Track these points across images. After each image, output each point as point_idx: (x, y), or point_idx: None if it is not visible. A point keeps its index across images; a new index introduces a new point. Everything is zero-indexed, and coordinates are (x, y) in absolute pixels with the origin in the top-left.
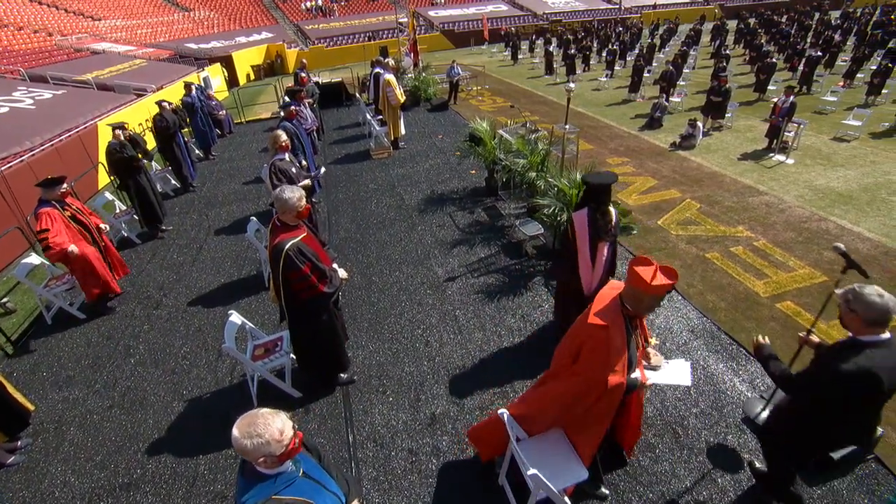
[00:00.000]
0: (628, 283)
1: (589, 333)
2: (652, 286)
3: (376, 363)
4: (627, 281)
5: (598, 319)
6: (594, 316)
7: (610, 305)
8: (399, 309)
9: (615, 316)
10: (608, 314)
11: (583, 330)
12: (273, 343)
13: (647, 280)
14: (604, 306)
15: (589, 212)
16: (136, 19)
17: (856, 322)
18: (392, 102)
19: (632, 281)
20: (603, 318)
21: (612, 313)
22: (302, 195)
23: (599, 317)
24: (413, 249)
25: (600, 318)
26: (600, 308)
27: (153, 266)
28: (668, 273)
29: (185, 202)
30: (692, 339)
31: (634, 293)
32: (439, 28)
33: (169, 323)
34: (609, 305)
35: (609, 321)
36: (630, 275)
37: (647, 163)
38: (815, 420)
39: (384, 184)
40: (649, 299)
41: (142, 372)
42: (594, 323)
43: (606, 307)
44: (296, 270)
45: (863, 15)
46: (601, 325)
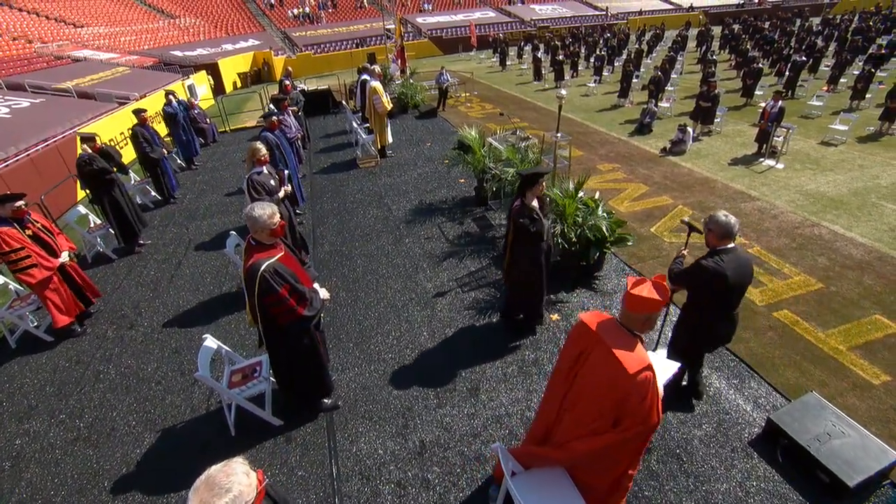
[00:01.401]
0: (624, 308)
1: (634, 383)
2: (629, 295)
3: (362, 386)
4: (623, 306)
5: (638, 362)
6: (630, 364)
7: (624, 339)
8: (386, 327)
9: (635, 344)
10: (633, 349)
11: (622, 383)
12: (251, 368)
13: (642, 296)
14: (621, 344)
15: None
16: (119, 26)
17: (711, 237)
18: (378, 110)
19: (628, 305)
20: (640, 359)
21: (633, 346)
22: (274, 212)
23: (634, 360)
24: (401, 263)
25: (637, 361)
26: (621, 349)
27: (129, 283)
28: (660, 289)
29: (166, 214)
30: None
31: (629, 316)
32: (427, 35)
33: (143, 345)
34: (625, 340)
35: (643, 355)
36: (627, 299)
37: (638, 169)
38: (689, 315)
39: (371, 194)
40: (645, 317)
41: (111, 399)
42: (640, 368)
43: (624, 343)
44: (272, 294)
45: (842, 21)
46: (646, 364)
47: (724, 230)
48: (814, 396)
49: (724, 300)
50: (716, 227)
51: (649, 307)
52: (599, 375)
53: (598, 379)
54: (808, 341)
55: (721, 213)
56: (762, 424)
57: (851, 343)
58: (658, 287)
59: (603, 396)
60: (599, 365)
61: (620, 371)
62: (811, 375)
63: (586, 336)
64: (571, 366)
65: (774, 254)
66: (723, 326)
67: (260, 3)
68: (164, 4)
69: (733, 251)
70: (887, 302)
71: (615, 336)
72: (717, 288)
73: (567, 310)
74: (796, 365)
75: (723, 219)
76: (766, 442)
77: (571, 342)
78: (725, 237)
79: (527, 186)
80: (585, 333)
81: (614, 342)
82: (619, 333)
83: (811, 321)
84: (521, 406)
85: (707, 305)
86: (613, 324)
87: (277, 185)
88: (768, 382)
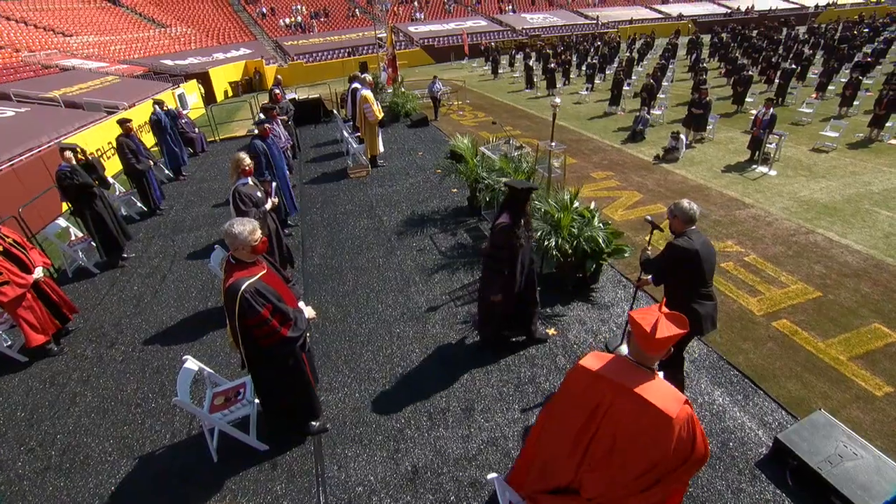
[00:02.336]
0: (642, 351)
1: (680, 427)
2: (655, 341)
3: (352, 407)
4: (642, 350)
5: (675, 401)
6: (670, 407)
7: (647, 379)
8: (377, 343)
9: (658, 380)
10: (662, 388)
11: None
12: (235, 390)
13: (648, 333)
14: (648, 387)
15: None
16: (109, 35)
17: (677, 223)
18: (369, 119)
19: (650, 348)
20: (675, 397)
21: (660, 384)
22: (255, 227)
23: (671, 401)
24: (392, 276)
25: (674, 400)
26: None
27: (110, 299)
28: (677, 321)
29: (151, 227)
30: (693, 370)
31: (648, 357)
32: (419, 43)
33: (123, 364)
34: (648, 381)
35: (673, 390)
36: (648, 343)
37: (632, 176)
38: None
39: (362, 204)
40: (666, 352)
41: (87, 424)
42: (680, 408)
43: (649, 384)
44: (254, 315)
45: (827, 30)
46: (683, 399)
47: (687, 216)
48: (822, 415)
49: (698, 276)
50: (681, 214)
51: (674, 341)
52: (638, 428)
53: (635, 432)
54: (808, 352)
55: (685, 202)
56: (769, 444)
57: (852, 353)
58: (674, 319)
59: (648, 449)
60: (632, 417)
61: (662, 419)
62: (813, 387)
63: (599, 386)
64: (586, 422)
65: (771, 262)
66: (706, 305)
67: (252, 13)
68: (155, 14)
69: (696, 231)
70: (886, 310)
71: (636, 379)
72: (692, 264)
73: (564, 323)
74: (798, 377)
75: (686, 206)
76: (775, 463)
77: (580, 394)
78: (689, 222)
79: (521, 202)
80: (596, 383)
81: (641, 387)
82: (638, 373)
83: (810, 331)
84: (518, 427)
85: (684, 285)
86: (625, 364)
87: (264, 197)
88: (774, 399)
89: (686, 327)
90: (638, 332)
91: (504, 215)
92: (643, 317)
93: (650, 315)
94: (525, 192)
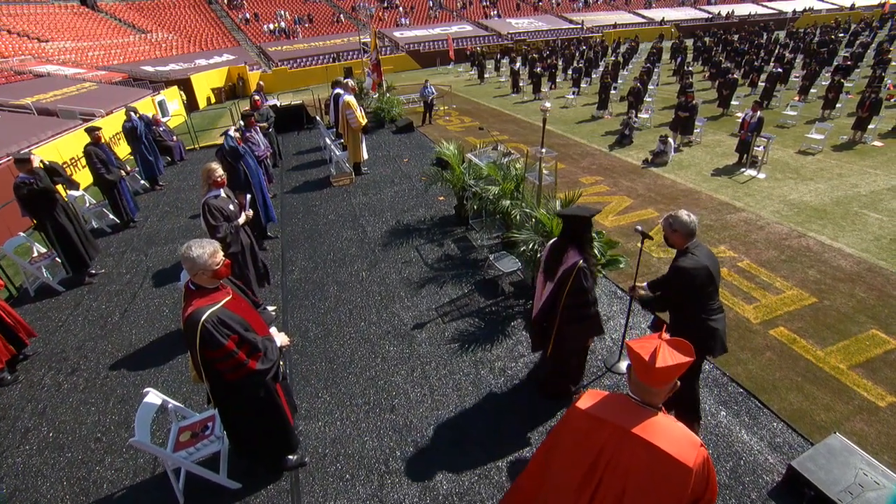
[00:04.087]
0: (645, 385)
1: (696, 473)
2: (656, 371)
3: (332, 438)
4: (645, 383)
5: (690, 445)
6: (685, 454)
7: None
8: (360, 365)
9: (665, 418)
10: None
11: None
12: (202, 424)
13: (647, 362)
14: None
15: (557, 242)
16: (87, 41)
17: (678, 237)
18: (352, 125)
19: (653, 380)
20: (689, 441)
21: (669, 425)
22: (216, 250)
23: (685, 446)
24: (376, 290)
25: (688, 444)
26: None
27: (74, 319)
28: (681, 348)
29: (123, 240)
30: None
31: (652, 392)
32: (405, 49)
33: (85, 393)
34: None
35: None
36: (651, 375)
37: (621, 181)
38: (685, 324)
39: (345, 214)
40: (672, 386)
41: (39, 463)
42: (696, 452)
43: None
44: (217, 348)
45: (806, 34)
46: (698, 443)
47: (688, 229)
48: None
49: (708, 291)
50: (681, 227)
51: (678, 372)
52: (650, 481)
53: (647, 485)
54: (807, 361)
55: (683, 213)
56: (782, 471)
57: (852, 361)
58: (677, 346)
59: (662, 502)
60: (642, 467)
61: (677, 469)
62: (815, 399)
63: (600, 431)
64: (588, 471)
65: (765, 267)
66: (719, 320)
67: (235, 18)
68: (135, 19)
69: (698, 244)
70: (882, 315)
71: (641, 421)
72: (703, 281)
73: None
74: (799, 388)
75: (686, 218)
76: (789, 492)
77: (580, 440)
78: (690, 235)
79: (586, 230)
80: (597, 428)
81: (648, 431)
82: (642, 414)
83: (808, 338)
84: (512, 457)
85: (694, 303)
86: (627, 403)
87: (237, 210)
88: (783, 420)
89: (692, 355)
90: (637, 362)
91: (572, 253)
92: (642, 345)
93: (649, 343)
94: (588, 220)
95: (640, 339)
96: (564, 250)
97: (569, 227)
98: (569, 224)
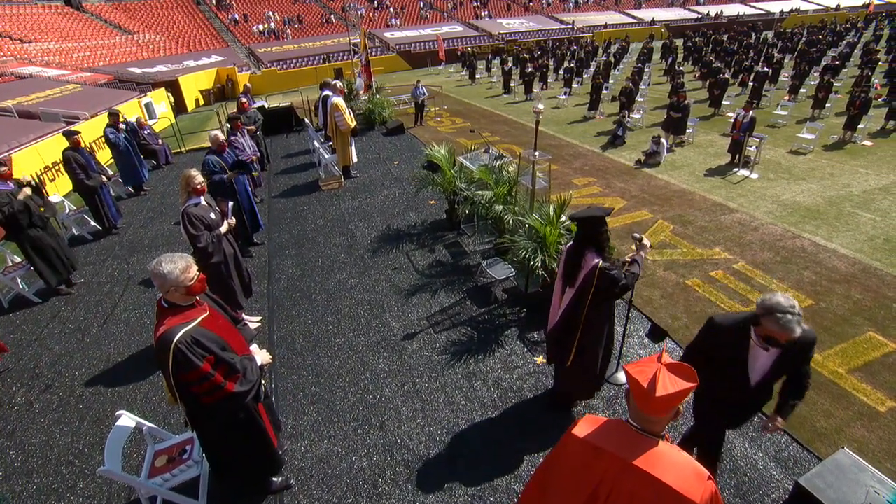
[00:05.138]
0: (644, 415)
1: None
2: (656, 400)
3: (319, 457)
4: (644, 412)
5: (696, 479)
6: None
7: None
8: (348, 379)
9: (669, 448)
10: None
11: None
12: (180, 447)
13: (646, 390)
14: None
15: (573, 247)
16: (72, 42)
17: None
18: (341, 128)
19: (653, 409)
20: (696, 473)
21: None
22: (189, 265)
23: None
24: (365, 299)
25: (695, 478)
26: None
27: (50, 332)
28: (682, 372)
29: (105, 247)
30: None
31: (652, 420)
32: (395, 49)
33: (59, 412)
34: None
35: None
36: (650, 403)
37: (615, 182)
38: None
39: (333, 219)
40: (674, 412)
41: (5, 491)
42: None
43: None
44: (192, 370)
45: (794, 35)
46: (705, 476)
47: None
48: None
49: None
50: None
51: (680, 399)
52: None
53: None
54: None
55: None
56: (788, 488)
57: (850, 365)
58: (678, 371)
59: None
60: (644, 503)
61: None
62: (815, 405)
63: (598, 462)
64: (586, 503)
65: (760, 269)
66: None
67: (224, 19)
68: (121, 20)
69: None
70: (878, 317)
71: (642, 451)
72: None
73: None
74: None
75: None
76: None
77: (577, 471)
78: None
79: (601, 230)
80: (595, 459)
81: (650, 463)
82: (643, 444)
83: None
84: (507, 477)
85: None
86: (626, 432)
87: (219, 219)
88: (787, 433)
89: (694, 380)
90: (635, 389)
91: (590, 255)
92: (640, 370)
93: (648, 367)
94: (602, 219)
95: (638, 362)
96: (582, 254)
97: (583, 229)
98: (583, 226)
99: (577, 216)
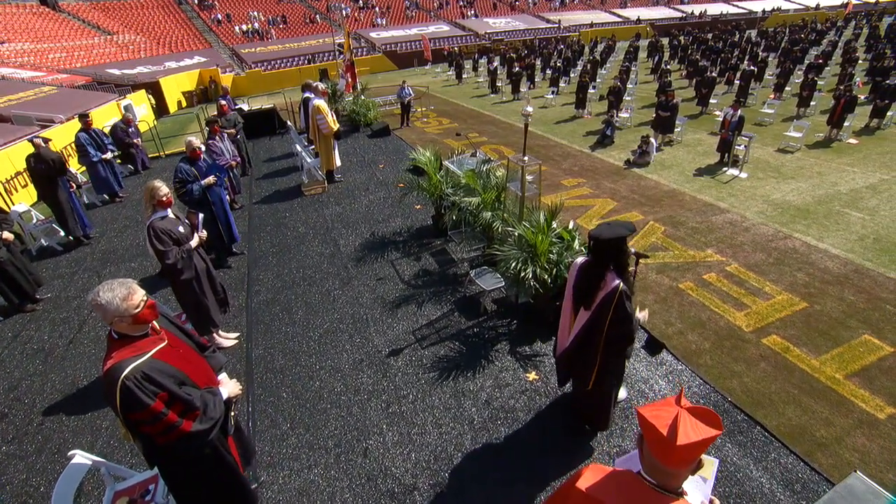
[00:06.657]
0: (664, 468)
1: None
2: (677, 450)
3: (299, 490)
4: (664, 465)
5: None
6: None
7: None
8: (330, 400)
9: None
10: None
11: None
12: (143, 488)
13: (666, 437)
14: None
15: (589, 266)
16: (47, 42)
17: None
18: (324, 131)
19: (675, 462)
20: None
21: None
22: (131, 292)
23: None
24: (349, 312)
25: None
26: None
27: (10, 354)
28: (706, 417)
29: (75, 259)
30: None
31: (655, 465)
32: (381, 49)
33: (14, 445)
34: None
35: None
36: (669, 454)
37: (604, 183)
38: None
39: (316, 226)
40: (696, 464)
41: None
42: None
43: None
44: (142, 409)
45: (777, 33)
46: None
47: None
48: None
49: None
50: None
51: (703, 449)
52: None
53: None
54: (802, 371)
55: None
56: None
57: (847, 370)
58: (701, 415)
59: None
60: None
61: None
62: (813, 413)
63: None
64: None
65: (753, 271)
66: None
67: (206, 19)
68: (100, 20)
69: None
70: (873, 319)
71: None
72: None
73: (546, 365)
74: (796, 401)
75: None
76: None
77: None
78: None
79: (623, 250)
80: None
81: None
82: (658, 500)
83: (802, 347)
84: None
85: None
86: (638, 487)
87: (188, 232)
88: (795, 452)
89: (719, 427)
90: (651, 436)
91: (610, 276)
92: (656, 414)
93: (666, 412)
94: (625, 239)
95: (654, 404)
96: (601, 275)
97: (604, 248)
98: (603, 246)
99: (601, 236)
